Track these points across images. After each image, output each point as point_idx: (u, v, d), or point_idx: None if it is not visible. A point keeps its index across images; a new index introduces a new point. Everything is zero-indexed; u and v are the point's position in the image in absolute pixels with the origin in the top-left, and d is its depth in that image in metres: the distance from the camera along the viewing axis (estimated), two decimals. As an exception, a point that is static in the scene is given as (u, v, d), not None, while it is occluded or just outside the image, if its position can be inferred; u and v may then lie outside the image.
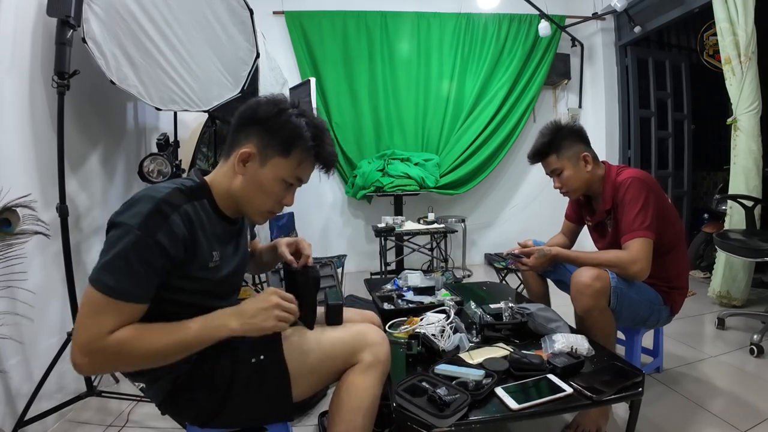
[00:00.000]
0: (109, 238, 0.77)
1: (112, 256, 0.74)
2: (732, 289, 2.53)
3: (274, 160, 0.89)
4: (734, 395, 1.60)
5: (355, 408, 0.89)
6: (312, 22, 3.62)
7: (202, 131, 2.45)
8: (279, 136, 0.88)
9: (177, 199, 0.82)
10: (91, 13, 1.52)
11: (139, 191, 0.83)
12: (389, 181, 3.47)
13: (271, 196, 0.92)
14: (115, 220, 0.77)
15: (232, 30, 1.98)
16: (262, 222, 1.01)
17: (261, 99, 0.91)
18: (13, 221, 1.28)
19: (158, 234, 0.76)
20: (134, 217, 0.76)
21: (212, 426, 0.90)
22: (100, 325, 0.73)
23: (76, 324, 0.75)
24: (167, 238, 0.77)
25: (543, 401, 0.94)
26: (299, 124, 0.88)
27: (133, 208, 0.78)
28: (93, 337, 0.73)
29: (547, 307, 1.46)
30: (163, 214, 0.78)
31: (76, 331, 0.74)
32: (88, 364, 0.74)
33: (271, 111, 0.88)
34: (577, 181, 1.49)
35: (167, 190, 0.82)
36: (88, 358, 0.73)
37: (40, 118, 1.53)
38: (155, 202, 0.78)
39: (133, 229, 0.74)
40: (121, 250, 0.74)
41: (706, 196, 4.29)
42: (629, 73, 3.73)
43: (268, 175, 0.89)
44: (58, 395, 1.52)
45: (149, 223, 0.76)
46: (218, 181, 0.92)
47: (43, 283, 1.50)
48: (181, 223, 0.80)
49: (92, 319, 0.74)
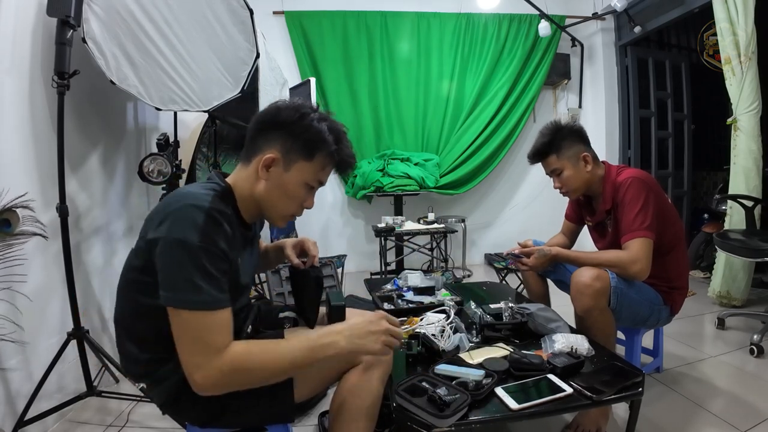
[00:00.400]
0: (173, 257, 0.74)
1: (186, 273, 0.73)
2: (732, 289, 2.53)
3: (298, 164, 0.90)
4: (734, 395, 1.60)
5: (356, 408, 0.89)
6: (312, 22, 3.62)
7: (202, 131, 2.45)
8: (302, 140, 0.89)
9: (221, 206, 0.82)
10: (91, 13, 1.51)
11: (171, 198, 0.82)
12: (389, 181, 3.47)
13: (295, 200, 0.93)
14: (170, 236, 0.75)
15: (232, 30, 1.98)
16: (283, 225, 1.01)
17: (280, 104, 0.92)
18: (12, 222, 1.28)
19: (219, 242, 0.77)
20: (192, 231, 0.74)
21: (213, 426, 0.89)
22: (207, 342, 0.74)
23: (184, 354, 0.75)
24: (225, 244, 0.78)
25: (543, 401, 0.94)
26: (321, 129, 0.89)
27: (182, 221, 0.76)
28: (207, 357, 0.73)
29: (547, 307, 1.46)
30: (217, 222, 0.78)
31: (187, 360, 0.74)
32: (212, 385, 0.75)
33: (293, 116, 0.89)
34: (577, 181, 1.49)
35: (209, 196, 0.82)
36: (212, 378, 0.74)
37: (40, 118, 1.53)
38: (206, 211, 0.77)
39: (196, 243, 0.74)
40: (193, 265, 0.73)
41: (706, 196, 4.29)
42: (629, 73, 3.73)
43: (292, 180, 0.90)
44: (58, 395, 1.52)
45: (209, 231, 0.76)
46: (240, 186, 0.92)
47: (43, 283, 1.50)
48: (228, 228, 0.81)
49: (198, 343, 0.74)
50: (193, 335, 0.74)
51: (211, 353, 0.74)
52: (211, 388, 0.76)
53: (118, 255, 1.98)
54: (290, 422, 0.94)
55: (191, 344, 0.74)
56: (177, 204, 0.79)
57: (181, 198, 0.80)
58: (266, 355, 0.78)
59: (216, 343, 0.74)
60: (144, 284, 0.82)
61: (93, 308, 1.80)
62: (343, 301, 1.03)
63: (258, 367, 0.77)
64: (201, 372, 0.73)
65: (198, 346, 0.74)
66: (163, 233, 0.76)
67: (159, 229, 0.77)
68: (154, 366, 0.87)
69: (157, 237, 0.76)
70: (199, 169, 2.47)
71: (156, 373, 0.87)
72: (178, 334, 0.75)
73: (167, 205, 0.80)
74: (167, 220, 0.77)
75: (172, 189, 1.84)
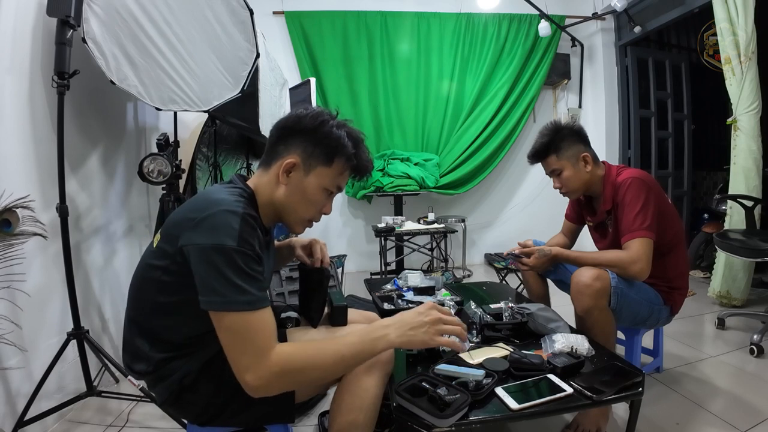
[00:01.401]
0: (213, 262, 0.75)
1: (228, 277, 0.74)
2: (732, 289, 2.53)
3: (318, 169, 0.92)
4: (734, 395, 1.60)
5: (356, 408, 0.89)
6: (312, 22, 3.62)
7: (202, 131, 2.45)
8: (322, 146, 0.91)
9: (252, 210, 0.84)
10: (91, 13, 1.51)
11: (201, 203, 0.82)
12: (389, 181, 3.47)
13: (315, 205, 0.95)
14: (209, 243, 0.75)
15: (232, 30, 1.98)
16: (301, 231, 1.02)
17: (300, 112, 0.94)
18: (12, 222, 1.28)
19: (255, 246, 0.79)
20: (229, 236, 0.76)
21: (213, 425, 0.90)
22: (256, 341, 0.75)
23: (233, 357, 0.76)
24: (259, 247, 0.80)
25: (543, 401, 0.94)
26: (341, 135, 0.92)
27: (220, 227, 0.77)
28: (256, 358, 0.74)
29: (547, 307, 1.45)
30: (252, 227, 0.80)
31: (238, 362, 0.75)
32: (264, 386, 0.75)
33: (313, 123, 0.91)
34: (576, 181, 1.49)
35: (241, 201, 0.83)
36: (264, 379, 0.75)
37: (40, 118, 1.53)
38: (241, 216, 0.79)
39: (235, 247, 0.75)
40: (234, 268, 0.75)
41: (706, 196, 4.29)
42: (629, 73, 3.73)
43: (312, 184, 0.92)
44: (58, 395, 1.52)
45: (245, 236, 0.77)
46: (261, 191, 0.94)
47: (43, 283, 1.50)
48: (260, 233, 0.83)
49: (247, 344, 0.75)
50: (240, 336, 0.75)
51: (259, 353, 0.75)
52: (263, 389, 0.76)
53: (118, 255, 1.98)
54: (290, 422, 0.94)
55: (240, 346, 0.75)
56: (211, 209, 0.79)
57: (213, 203, 0.80)
58: (315, 353, 0.79)
59: (263, 342, 0.76)
60: (164, 284, 0.83)
61: (93, 308, 1.80)
62: (344, 301, 1.03)
63: (308, 366, 0.78)
64: (252, 373, 0.74)
65: (247, 347, 0.75)
66: (200, 240, 0.76)
67: (194, 236, 0.77)
68: (161, 363, 0.87)
69: (193, 244, 0.77)
70: (199, 169, 2.47)
71: (161, 371, 0.87)
72: (225, 337, 0.76)
73: (199, 210, 0.80)
74: (202, 227, 0.77)
75: (172, 189, 1.84)
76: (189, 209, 0.83)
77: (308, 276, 1.08)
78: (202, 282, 0.76)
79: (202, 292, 0.76)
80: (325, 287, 1.04)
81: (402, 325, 0.84)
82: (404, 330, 0.83)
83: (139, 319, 0.90)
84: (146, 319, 0.88)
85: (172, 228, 0.84)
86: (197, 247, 0.76)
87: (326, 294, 1.05)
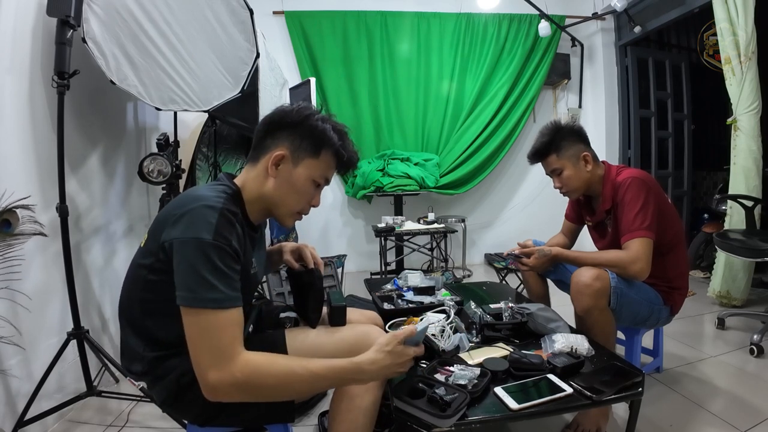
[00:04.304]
0: (188, 256, 0.75)
1: (200, 271, 0.74)
2: (732, 289, 2.52)
3: (306, 161, 0.93)
4: (734, 395, 1.60)
5: (356, 408, 0.90)
6: (312, 22, 3.61)
7: (202, 131, 2.45)
8: (310, 138, 0.93)
9: (233, 206, 0.84)
10: (91, 13, 1.51)
11: (184, 199, 0.83)
12: (389, 181, 3.47)
13: (304, 196, 0.96)
14: (185, 236, 0.76)
15: (232, 30, 1.98)
16: (291, 224, 1.03)
17: (286, 107, 0.96)
18: (12, 222, 1.28)
19: (232, 241, 0.79)
20: (206, 229, 0.76)
21: (213, 425, 0.90)
22: (221, 341, 0.74)
23: (196, 354, 0.75)
24: (237, 244, 0.80)
25: (543, 401, 0.94)
26: (326, 127, 0.94)
27: (196, 220, 0.77)
28: (219, 358, 0.74)
29: (547, 307, 1.45)
30: (230, 222, 0.80)
31: (200, 359, 0.75)
32: (224, 391, 0.75)
33: (299, 116, 0.93)
34: (577, 181, 1.49)
35: (222, 197, 0.84)
36: (225, 384, 0.74)
37: (40, 118, 1.53)
38: (219, 211, 0.79)
39: (210, 241, 0.75)
40: (206, 263, 0.75)
41: (706, 196, 4.29)
42: (629, 73, 3.73)
43: (301, 176, 0.93)
44: (58, 395, 1.52)
45: (222, 231, 0.78)
46: (249, 186, 0.94)
47: (43, 283, 1.50)
48: (240, 229, 0.83)
49: (212, 340, 0.74)
50: (205, 334, 0.75)
51: (221, 354, 0.74)
52: (221, 394, 0.76)
53: (118, 255, 1.98)
54: (290, 422, 0.94)
55: (203, 343, 0.75)
56: (191, 205, 0.80)
57: (194, 200, 0.81)
58: (285, 375, 0.78)
59: (227, 342, 0.75)
60: (151, 283, 0.83)
61: (93, 308, 1.80)
62: (343, 301, 1.03)
63: (274, 385, 0.78)
64: (214, 373, 0.74)
65: (209, 346, 0.74)
66: (178, 234, 0.77)
67: (173, 231, 0.78)
68: (157, 363, 0.87)
69: (172, 238, 0.78)
70: (199, 169, 2.47)
71: (158, 371, 0.87)
72: (190, 333, 0.76)
73: (180, 206, 0.81)
74: (182, 221, 0.78)
75: (172, 189, 1.84)
76: (172, 206, 0.84)
77: (298, 279, 1.08)
78: (178, 276, 0.76)
79: (178, 286, 0.76)
80: (318, 288, 1.03)
81: (378, 372, 0.84)
82: (379, 374, 0.85)
83: (131, 320, 0.90)
84: (138, 319, 0.88)
85: (155, 225, 0.85)
86: (175, 241, 0.77)
87: (322, 295, 1.05)
